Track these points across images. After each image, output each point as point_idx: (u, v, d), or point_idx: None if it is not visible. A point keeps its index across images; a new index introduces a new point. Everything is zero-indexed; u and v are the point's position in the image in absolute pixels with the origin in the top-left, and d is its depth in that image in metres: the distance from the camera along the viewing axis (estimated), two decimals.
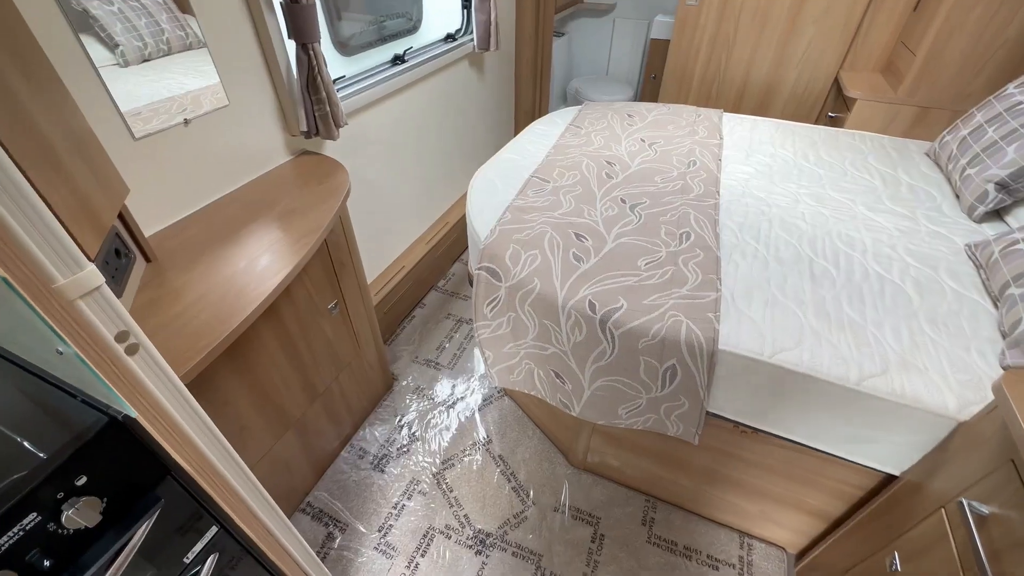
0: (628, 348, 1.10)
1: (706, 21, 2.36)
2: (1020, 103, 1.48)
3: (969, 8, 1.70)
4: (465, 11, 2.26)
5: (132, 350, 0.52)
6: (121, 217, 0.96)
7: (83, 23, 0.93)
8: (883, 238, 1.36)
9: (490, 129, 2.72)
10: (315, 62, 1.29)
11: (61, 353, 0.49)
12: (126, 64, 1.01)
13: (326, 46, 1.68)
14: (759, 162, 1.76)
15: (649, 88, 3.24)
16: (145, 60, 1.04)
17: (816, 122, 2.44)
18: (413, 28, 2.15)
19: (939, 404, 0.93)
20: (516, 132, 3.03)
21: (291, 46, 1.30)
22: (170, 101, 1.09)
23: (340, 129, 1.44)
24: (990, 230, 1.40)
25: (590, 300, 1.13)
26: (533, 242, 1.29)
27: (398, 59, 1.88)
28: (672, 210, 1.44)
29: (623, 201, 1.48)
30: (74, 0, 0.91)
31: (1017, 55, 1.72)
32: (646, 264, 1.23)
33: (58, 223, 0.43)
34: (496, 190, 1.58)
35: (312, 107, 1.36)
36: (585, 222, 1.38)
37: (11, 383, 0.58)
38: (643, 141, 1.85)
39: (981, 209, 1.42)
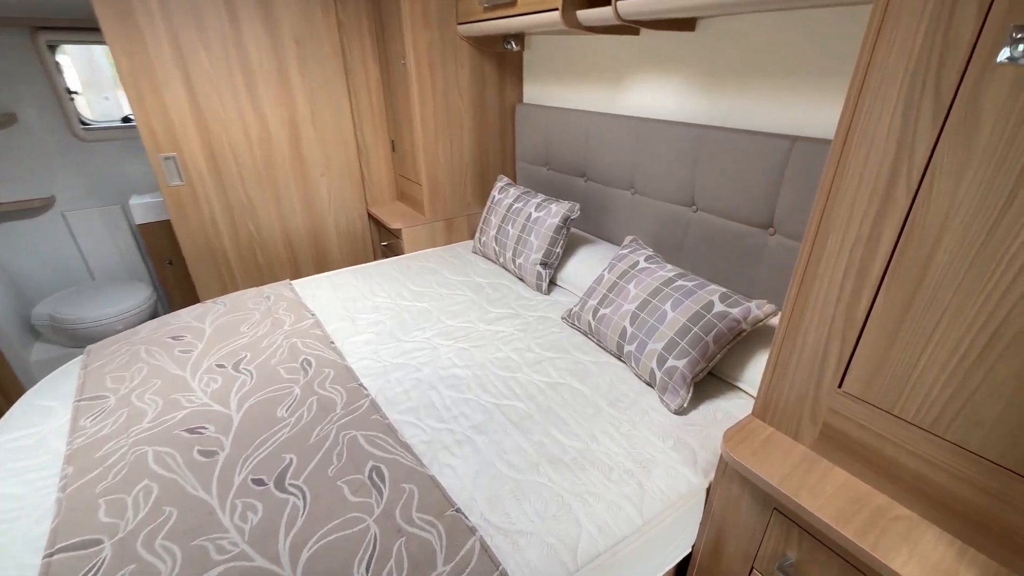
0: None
1: (205, 195, 2.01)
2: (503, 202, 1.93)
3: (433, 146, 2.10)
4: None
5: None
6: None
7: None
8: (520, 346, 1.44)
9: None
10: None
11: None
12: None
13: None
14: (370, 322, 1.58)
15: (172, 273, 2.57)
16: None
17: (376, 256, 2.54)
18: None
19: (684, 484, 0.99)
20: None
21: None
22: None
23: None
24: (560, 296, 1.74)
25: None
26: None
27: None
28: (339, 451, 1.04)
29: (264, 482, 0.96)
30: None
31: (479, 171, 2.28)
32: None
33: None
34: None
35: None
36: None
37: None
38: (224, 367, 1.33)
39: (544, 285, 1.75)
